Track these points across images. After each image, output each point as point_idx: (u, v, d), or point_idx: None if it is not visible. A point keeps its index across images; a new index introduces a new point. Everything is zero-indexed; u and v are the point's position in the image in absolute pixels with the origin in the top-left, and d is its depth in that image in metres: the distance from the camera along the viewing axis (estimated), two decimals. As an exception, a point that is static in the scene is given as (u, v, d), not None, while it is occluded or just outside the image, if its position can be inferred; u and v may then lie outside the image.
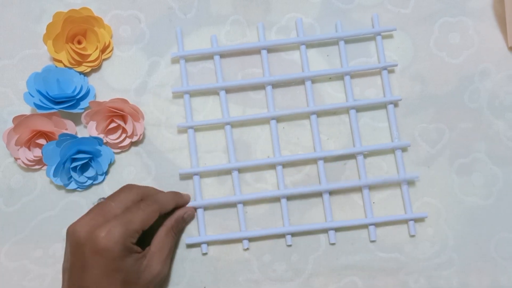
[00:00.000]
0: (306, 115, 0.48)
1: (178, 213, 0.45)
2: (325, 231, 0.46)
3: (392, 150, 0.48)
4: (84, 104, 0.47)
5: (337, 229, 0.46)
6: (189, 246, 0.46)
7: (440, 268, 0.46)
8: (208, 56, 0.49)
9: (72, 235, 0.38)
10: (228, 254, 0.46)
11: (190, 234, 0.46)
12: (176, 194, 0.45)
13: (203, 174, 0.47)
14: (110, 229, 0.37)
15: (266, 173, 0.47)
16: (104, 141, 0.47)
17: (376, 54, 0.49)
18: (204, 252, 0.46)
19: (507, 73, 0.49)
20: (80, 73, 0.48)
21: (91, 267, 0.37)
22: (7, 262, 0.46)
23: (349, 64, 0.49)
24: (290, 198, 0.47)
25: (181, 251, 0.46)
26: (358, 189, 0.47)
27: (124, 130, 0.46)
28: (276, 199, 0.47)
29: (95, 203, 0.42)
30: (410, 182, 0.47)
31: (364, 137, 0.48)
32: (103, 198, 0.43)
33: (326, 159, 0.47)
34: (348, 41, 0.49)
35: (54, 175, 0.45)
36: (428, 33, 0.50)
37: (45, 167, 0.47)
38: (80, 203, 0.47)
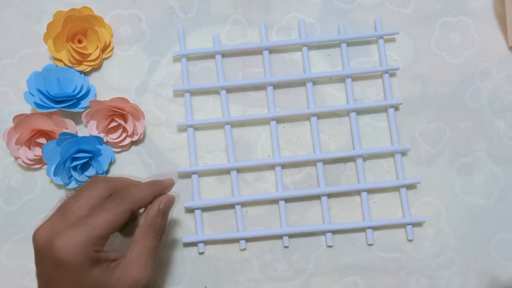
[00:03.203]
0: (306, 117, 0.48)
1: (153, 208, 0.37)
2: (323, 233, 0.46)
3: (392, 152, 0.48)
4: (84, 103, 0.47)
5: (336, 231, 0.46)
6: (186, 245, 0.46)
7: (440, 268, 0.46)
8: (209, 56, 0.49)
9: (34, 243, 0.34)
10: (229, 253, 0.46)
11: (191, 233, 0.46)
12: (153, 184, 0.39)
13: (203, 174, 0.47)
14: (69, 238, 0.32)
15: (267, 173, 0.47)
16: (105, 140, 0.47)
17: (377, 53, 0.49)
18: (201, 251, 0.46)
19: (507, 73, 0.49)
20: (81, 72, 0.48)
21: (54, 280, 0.32)
22: (7, 262, 0.46)
23: (350, 63, 0.49)
24: (289, 198, 0.47)
25: (182, 250, 0.46)
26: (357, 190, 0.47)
27: (124, 129, 0.46)
28: (275, 200, 0.47)
29: (61, 200, 0.37)
30: (410, 184, 0.47)
31: (364, 137, 0.48)
32: (68, 193, 0.37)
33: (326, 160, 0.47)
34: (350, 43, 0.49)
35: (55, 174, 0.45)
36: (429, 33, 0.50)
37: (45, 166, 0.47)
38: (80, 203, 0.47)
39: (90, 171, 0.46)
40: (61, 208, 0.35)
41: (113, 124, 0.46)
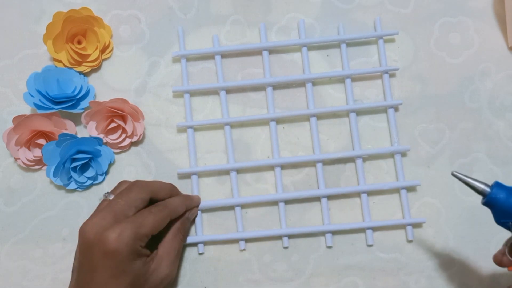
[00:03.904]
0: (306, 117, 0.48)
1: (185, 216, 0.44)
2: (322, 234, 0.46)
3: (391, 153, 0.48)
4: (84, 104, 0.47)
5: (335, 232, 0.46)
6: (186, 245, 0.46)
7: (440, 268, 0.46)
8: (208, 56, 0.49)
9: (82, 235, 0.38)
10: (228, 254, 0.46)
11: (191, 233, 0.46)
12: (186, 198, 0.45)
13: (202, 174, 0.47)
14: (120, 231, 0.37)
15: (266, 174, 0.47)
16: (104, 141, 0.47)
17: (377, 53, 0.49)
18: (201, 252, 0.46)
19: (507, 73, 0.49)
20: (80, 73, 0.48)
21: (100, 268, 0.36)
22: (7, 262, 0.46)
23: (350, 63, 0.49)
24: (289, 200, 0.47)
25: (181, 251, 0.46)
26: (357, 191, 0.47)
27: (124, 130, 0.46)
28: (275, 201, 0.47)
29: (102, 199, 0.41)
30: (410, 186, 0.47)
31: (364, 137, 0.48)
32: (107, 193, 0.41)
33: (326, 161, 0.47)
34: (350, 43, 0.49)
35: (54, 175, 0.45)
36: (429, 33, 0.50)
37: (45, 167, 0.47)
38: (80, 203, 0.47)
39: (90, 172, 0.46)
40: (109, 206, 0.39)
41: (113, 125, 0.46)
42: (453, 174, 0.37)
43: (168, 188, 0.44)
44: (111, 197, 0.40)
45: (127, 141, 0.47)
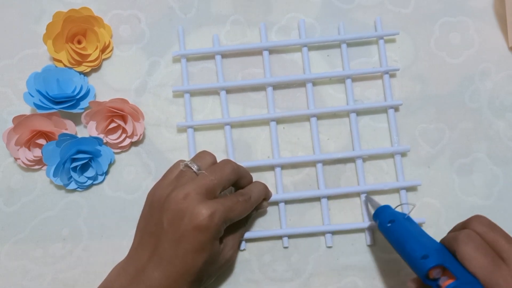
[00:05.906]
0: (306, 117, 0.48)
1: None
2: (322, 234, 0.46)
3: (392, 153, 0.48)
4: (84, 104, 0.47)
5: (335, 232, 0.46)
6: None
7: (440, 268, 0.46)
8: (208, 56, 0.49)
9: (173, 200, 0.38)
10: (228, 254, 0.46)
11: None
12: (266, 189, 0.45)
13: (203, 174, 0.47)
14: (215, 210, 0.37)
15: (266, 174, 0.47)
16: (104, 141, 0.47)
17: (377, 53, 0.49)
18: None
19: (507, 73, 0.49)
20: (80, 73, 0.48)
21: (185, 239, 0.37)
22: (7, 262, 0.46)
23: (350, 64, 0.49)
24: (289, 200, 0.47)
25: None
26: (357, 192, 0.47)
27: (124, 130, 0.46)
28: (275, 202, 0.47)
29: (183, 167, 0.41)
30: (411, 187, 0.47)
31: (364, 138, 0.48)
32: (189, 162, 0.41)
33: (326, 161, 0.47)
34: (350, 43, 0.49)
35: (54, 175, 0.45)
36: (429, 33, 0.50)
37: (45, 167, 0.47)
38: (80, 203, 0.47)
39: (90, 172, 0.46)
40: (202, 181, 0.39)
41: (113, 125, 0.46)
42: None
43: (250, 177, 0.45)
44: (195, 167, 0.40)
45: (127, 141, 0.47)
